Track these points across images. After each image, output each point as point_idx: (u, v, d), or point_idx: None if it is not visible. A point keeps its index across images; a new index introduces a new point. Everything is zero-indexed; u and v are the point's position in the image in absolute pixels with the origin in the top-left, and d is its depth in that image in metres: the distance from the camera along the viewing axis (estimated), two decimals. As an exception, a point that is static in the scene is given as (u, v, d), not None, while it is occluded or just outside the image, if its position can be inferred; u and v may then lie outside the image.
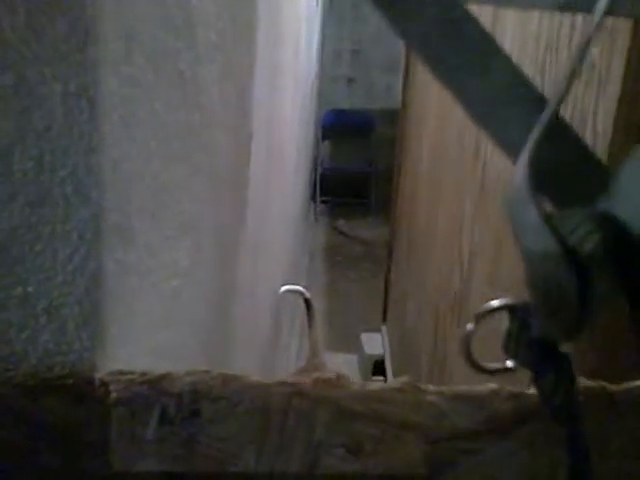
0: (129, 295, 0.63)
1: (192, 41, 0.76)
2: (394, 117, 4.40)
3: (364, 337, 4.41)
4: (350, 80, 6.78)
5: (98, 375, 0.55)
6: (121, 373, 0.56)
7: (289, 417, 0.55)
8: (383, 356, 4.12)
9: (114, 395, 0.55)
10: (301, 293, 2.98)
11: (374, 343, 4.31)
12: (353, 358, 4.43)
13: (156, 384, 0.55)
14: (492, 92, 0.44)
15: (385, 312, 4.43)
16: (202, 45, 0.80)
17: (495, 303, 0.47)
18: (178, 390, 0.55)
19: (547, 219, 0.39)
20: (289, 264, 3.32)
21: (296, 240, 3.94)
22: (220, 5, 0.87)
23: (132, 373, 0.56)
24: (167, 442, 0.56)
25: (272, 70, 1.69)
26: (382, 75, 6.63)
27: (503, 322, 0.46)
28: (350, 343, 4.48)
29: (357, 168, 6.72)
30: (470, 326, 0.47)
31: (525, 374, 0.47)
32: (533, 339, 0.45)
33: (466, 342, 0.47)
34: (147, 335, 0.68)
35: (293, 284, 2.94)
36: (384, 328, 4.36)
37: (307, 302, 3.05)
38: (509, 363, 0.48)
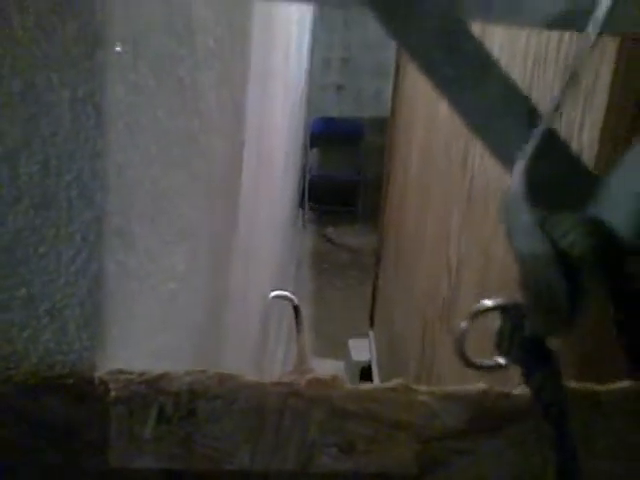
0: (129, 297, 0.64)
1: (192, 48, 0.78)
2: (383, 125, 4.43)
3: (351, 343, 4.43)
4: (339, 88, 6.81)
5: (98, 374, 0.57)
6: (120, 372, 0.57)
7: (284, 417, 0.57)
8: (370, 362, 4.13)
9: (113, 394, 0.56)
10: (289, 299, 2.99)
11: (361, 349, 4.33)
12: (340, 365, 4.45)
13: (154, 383, 0.57)
14: (487, 104, 0.46)
15: (372, 319, 4.45)
16: (201, 51, 0.82)
17: (488, 303, 0.49)
18: (176, 389, 0.57)
19: (540, 223, 0.41)
20: (277, 270, 3.33)
21: (284, 246, 3.95)
22: (218, 12, 0.88)
23: (131, 373, 0.57)
24: (164, 441, 0.57)
25: (264, 76, 1.71)
26: (372, 83, 6.67)
27: (494, 321, 0.49)
28: (337, 350, 4.49)
29: (346, 176, 6.75)
30: (464, 324, 0.49)
31: (516, 372, 0.49)
32: (524, 338, 0.47)
33: (460, 340, 0.49)
34: (146, 337, 0.70)
35: (281, 290, 2.95)
36: (371, 334, 4.38)
37: (295, 308, 3.07)
38: (500, 360, 0.50)
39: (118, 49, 0.55)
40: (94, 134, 0.53)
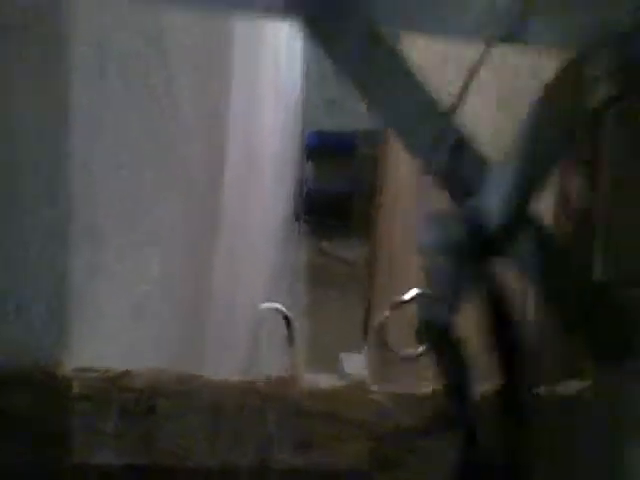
0: (97, 295, 0.65)
1: (164, 54, 0.79)
2: (378, 138, 4.44)
3: (344, 357, 4.43)
4: (334, 101, 6.85)
5: (63, 371, 0.58)
6: (84, 370, 0.59)
7: (243, 414, 0.58)
8: (363, 376, 4.14)
9: (77, 390, 0.58)
10: (281, 311, 3.00)
11: (354, 363, 4.33)
12: (333, 378, 4.44)
13: (117, 381, 0.58)
14: (404, 112, 0.50)
15: (366, 332, 4.45)
16: (175, 60, 0.84)
17: (407, 295, 0.51)
18: (137, 387, 0.58)
19: (433, 217, 0.45)
20: (270, 281, 3.34)
21: (278, 258, 3.96)
22: (193, 22, 0.90)
23: (95, 370, 0.59)
24: (126, 436, 0.58)
25: (251, 86, 1.73)
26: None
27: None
28: (331, 363, 4.49)
29: (341, 188, 6.78)
30: (385, 314, 0.51)
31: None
32: (433, 325, 0.50)
33: (381, 330, 0.51)
34: (116, 334, 0.71)
35: (274, 302, 2.95)
36: (365, 348, 4.39)
37: (287, 320, 3.07)
38: (420, 349, 0.53)
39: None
40: (61, 136, 0.55)
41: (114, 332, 0.71)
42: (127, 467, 0.58)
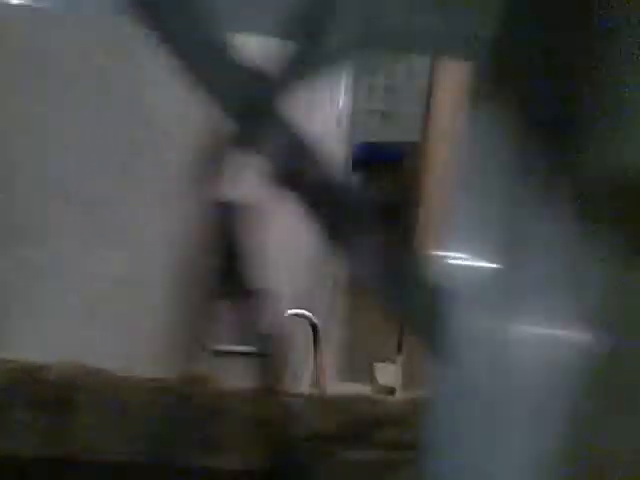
0: (36, 292, 0.67)
1: (134, 63, 0.80)
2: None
3: (377, 367, 4.40)
4: (383, 113, 6.81)
5: (-19, 361, 0.59)
6: (2, 361, 0.60)
7: (154, 411, 0.58)
8: (396, 386, 4.09)
9: (-5, 380, 0.59)
10: (307, 318, 2.98)
11: (387, 373, 4.29)
12: (367, 389, 4.41)
13: (34, 373, 0.59)
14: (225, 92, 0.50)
15: (400, 342, 4.40)
16: (149, 66, 0.85)
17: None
18: (54, 380, 0.59)
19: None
20: (305, 290, 3.33)
21: (315, 267, 3.95)
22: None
23: (13, 361, 0.60)
24: (42, 429, 0.59)
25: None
26: (415, 109, 6.63)
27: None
28: (366, 373, 4.45)
29: (387, 199, 6.73)
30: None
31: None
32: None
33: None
34: (63, 331, 0.72)
35: (310, 311, 2.94)
36: (399, 359, 4.34)
37: (313, 327, 3.05)
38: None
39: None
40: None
41: (62, 326, 0.73)
42: (39, 458, 0.59)
